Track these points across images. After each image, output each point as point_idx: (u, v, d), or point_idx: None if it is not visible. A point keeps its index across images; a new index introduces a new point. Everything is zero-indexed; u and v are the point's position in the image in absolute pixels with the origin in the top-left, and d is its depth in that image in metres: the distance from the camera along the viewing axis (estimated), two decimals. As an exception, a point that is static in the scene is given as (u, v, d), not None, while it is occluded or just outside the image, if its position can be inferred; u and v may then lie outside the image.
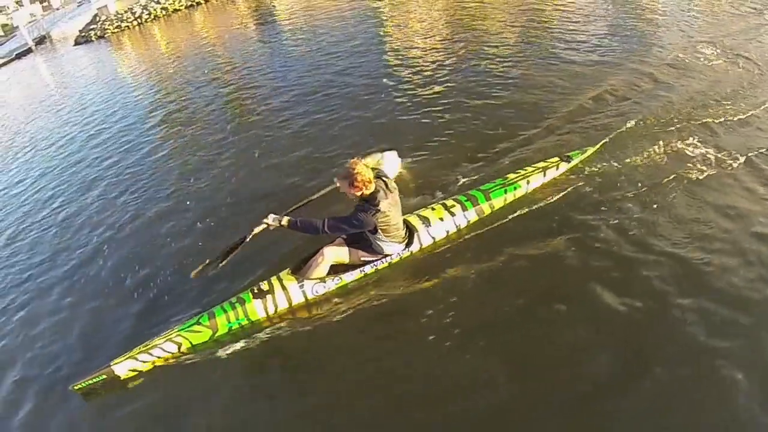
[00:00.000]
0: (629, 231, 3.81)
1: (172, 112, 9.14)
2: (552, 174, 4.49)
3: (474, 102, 6.37)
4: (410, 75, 7.78)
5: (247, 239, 3.82)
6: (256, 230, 3.78)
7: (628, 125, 5.15)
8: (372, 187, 3.59)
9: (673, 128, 5.01)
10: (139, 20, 21.36)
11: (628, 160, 4.59)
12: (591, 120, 5.48)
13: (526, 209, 4.23)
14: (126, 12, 21.91)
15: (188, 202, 5.70)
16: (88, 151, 8.46)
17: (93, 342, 4.04)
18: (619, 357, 2.94)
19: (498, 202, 4.27)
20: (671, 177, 4.28)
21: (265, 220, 3.71)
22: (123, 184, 6.70)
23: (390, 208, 3.66)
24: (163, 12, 21.49)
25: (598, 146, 4.73)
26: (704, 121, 5.06)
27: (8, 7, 44.06)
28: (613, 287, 3.37)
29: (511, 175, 4.46)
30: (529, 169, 4.52)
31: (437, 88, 7.03)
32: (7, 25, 39.65)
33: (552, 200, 4.29)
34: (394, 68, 8.24)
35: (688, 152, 4.60)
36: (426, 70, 7.80)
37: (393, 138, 5.73)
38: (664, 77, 6.21)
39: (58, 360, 3.97)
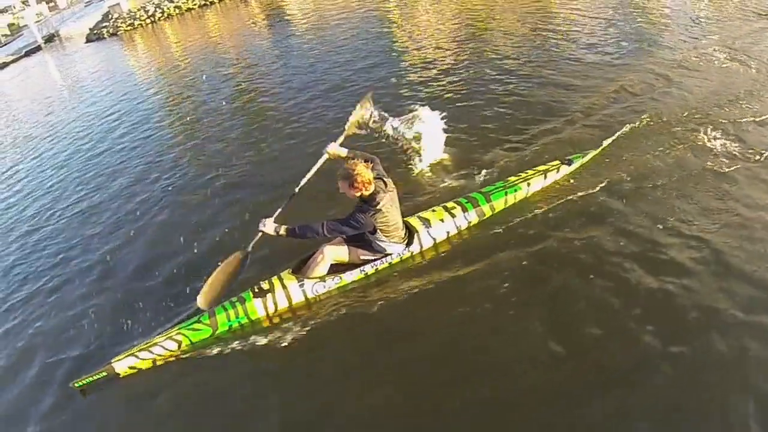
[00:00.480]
0: (629, 233, 3.77)
1: (182, 110, 9.13)
2: (553, 177, 4.47)
3: (479, 102, 6.34)
4: (417, 73, 7.76)
5: (249, 251, 3.77)
6: (255, 240, 3.77)
7: (629, 129, 5.09)
8: (372, 188, 3.58)
9: (676, 131, 4.96)
10: (152, 18, 21.39)
11: (628, 164, 4.55)
12: (593, 123, 5.44)
13: (527, 211, 4.21)
14: (139, 10, 21.93)
15: (194, 202, 5.66)
16: (98, 146, 8.47)
17: (94, 339, 4.02)
18: (626, 360, 2.89)
19: (499, 204, 4.25)
20: (672, 180, 4.24)
21: (260, 228, 3.68)
22: (132, 181, 6.67)
23: (389, 207, 3.66)
24: (177, 11, 21.50)
25: (599, 150, 4.71)
26: (709, 122, 5.00)
27: (14, 7, 44.69)
28: (614, 288, 3.33)
29: (512, 178, 4.45)
30: (530, 171, 4.50)
31: (444, 88, 7.00)
32: (13, 24, 40.16)
33: (552, 202, 4.26)
34: (403, 67, 8.21)
35: (691, 155, 4.55)
36: (433, 71, 7.75)
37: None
38: (669, 80, 6.14)
39: (59, 357, 3.94)
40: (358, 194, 3.60)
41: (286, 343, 3.53)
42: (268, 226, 3.66)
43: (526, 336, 3.18)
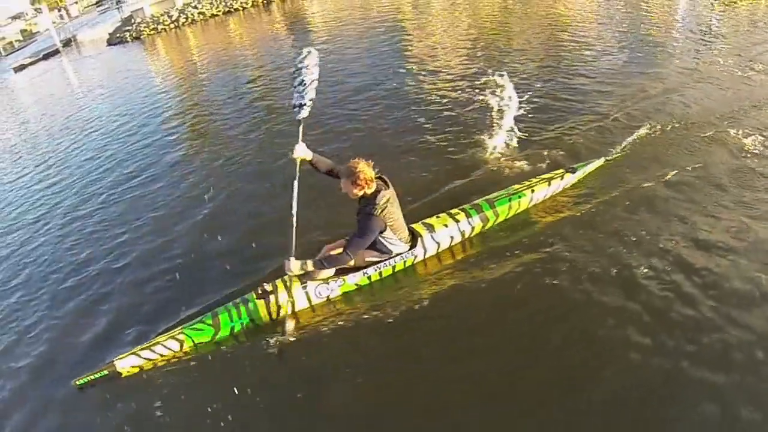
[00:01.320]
0: (632, 241, 3.76)
1: (198, 113, 9.29)
2: (557, 185, 4.47)
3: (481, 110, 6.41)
4: (429, 84, 7.84)
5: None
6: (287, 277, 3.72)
7: (633, 140, 5.15)
8: (373, 186, 3.59)
9: (679, 142, 5.02)
10: (176, 23, 21.78)
11: (632, 175, 4.56)
12: (597, 133, 5.49)
13: (531, 218, 4.24)
14: (162, 15, 22.31)
15: (205, 206, 5.66)
16: (111, 146, 8.68)
17: (98, 338, 4.01)
18: (628, 372, 2.86)
19: (503, 211, 4.23)
20: (675, 190, 4.27)
21: (289, 272, 3.56)
22: (143, 183, 6.75)
23: (392, 204, 3.66)
24: (201, 17, 21.92)
25: (602, 160, 4.74)
26: (714, 134, 5.06)
27: (27, 14, 45.47)
28: (617, 296, 3.31)
29: (516, 186, 4.44)
30: (534, 179, 4.50)
31: (452, 98, 7.10)
32: (26, 30, 40.81)
33: (555, 210, 4.29)
34: (416, 80, 8.22)
35: (697, 164, 4.57)
36: (445, 81, 7.86)
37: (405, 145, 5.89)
38: (675, 90, 6.24)
39: (63, 355, 3.94)
40: (360, 192, 3.58)
41: (287, 345, 3.51)
42: (294, 265, 3.55)
43: (529, 343, 3.15)
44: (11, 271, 5.45)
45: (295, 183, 3.64)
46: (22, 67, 24.82)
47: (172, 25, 21.61)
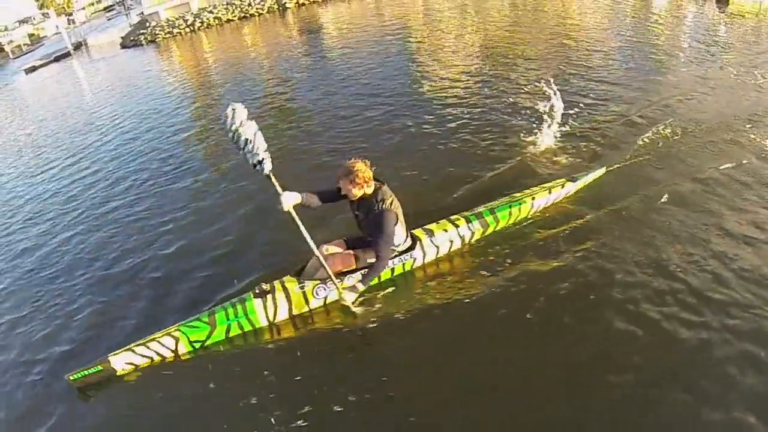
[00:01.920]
0: (630, 251, 3.79)
1: (207, 116, 9.37)
2: (557, 193, 4.48)
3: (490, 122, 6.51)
4: (436, 95, 7.85)
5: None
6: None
7: (634, 150, 5.22)
8: (372, 185, 3.57)
9: (679, 155, 5.07)
10: (191, 27, 22.11)
11: (632, 185, 4.59)
12: (599, 143, 5.55)
13: (531, 226, 4.25)
14: (178, 19, 22.59)
15: (211, 209, 5.69)
16: (119, 146, 8.83)
17: (95, 334, 4.02)
18: (628, 380, 2.85)
19: (503, 218, 4.23)
20: (673, 202, 4.30)
21: (345, 299, 3.55)
22: (152, 186, 6.76)
23: (395, 198, 3.65)
24: (216, 21, 22.24)
25: (604, 170, 4.77)
26: (717, 146, 5.14)
27: (34, 18, 46.09)
28: (616, 305, 3.32)
29: (517, 194, 4.46)
30: (535, 188, 4.52)
31: (460, 103, 7.22)
32: (33, 34, 41.37)
33: (555, 218, 4.31)
34: (423, 91, 8.24)
35: (693, 177, 4.63)
36: (452, 86, 7.98)
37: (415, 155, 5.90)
38: (677, 104, 6.32)
39: (59, 348, 3.94)
40: (360, 192, 3.56)
41: (283, 345, 3.52)
42: (347, 295, 3.54)
43: (522, 353, 3.14)
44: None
45: (301, 227, 3.50)
46: (33, 69, 25.15)
47: (187, 29, 21.94)
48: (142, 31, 22.49)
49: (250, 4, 22.38)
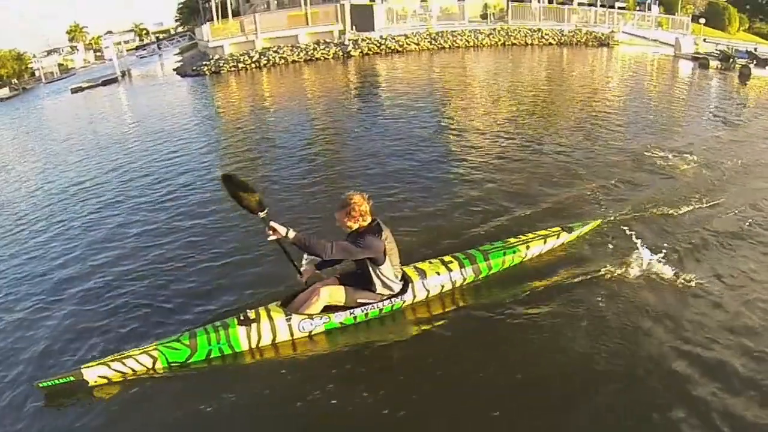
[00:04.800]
0: (620, 304, 3.83)
1: (248, 150, 9.57)
2: (552, 242, 4.48)
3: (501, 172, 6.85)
4: (461, 148, 8.26)
5: (260, 214, 3.54)
6: (268, 219, 3.49)
7: (631, 206, 5.43)
8: (369, 220, 3.56)
9: (671, 212, 5.27)
10: (256, 64, 23.01)
11: (627, 237, 4.62)
12: (598, 197, 5.78)
13: (524, 273, 4.24)
14: (243, 55, 23.58)
15: (205, 230, 5.79)
16: (149, 160, 9.37)
17: (68, 345, 3.92)
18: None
19: (496, 264, 4.19)
20: (670, 255, 4.34)
21: (272, 223, 3.40)
22: (153, 203, 7.01)
23: (391, 238, 3.62)
24: (282, 61, 23.23)
25: (599, 221, 4.86)
26: (706, 209, 5.35)
27: (62, 49, 48.82)
28: (603, 355, 3.32)
29: (512, 240, 4.44)
30: (531, 235, 4.52)
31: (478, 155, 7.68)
32: (62, 64, 43.85)
33: (549, 268, 4.32)
34: (450, 143, 8.67)
35: (687, 237, 4.76)
36: (477, 148, 8.21)
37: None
38: (679, 166, 6.72)
39: (32, 356, 3.86)
40: (355, 225, 3.54)
41: (264, 376, 3.42)
42: (280, 227, 3.39)
43: (508, 398, 3.10)
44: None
45: (286, 252, 3.68)
46: (80, 89, 26.85)
47: (252, 65, 22.97)
48: (205, 62, 23.95)
49: (315, 49, 23.71)
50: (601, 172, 6.59)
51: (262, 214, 3.50)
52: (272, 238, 3.43)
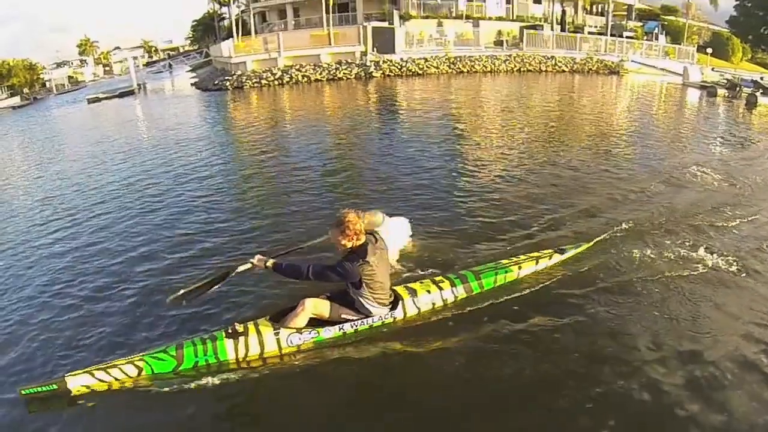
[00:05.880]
0: (610, 324, 3.86)
1: (261, 164, 9.76)
2: (544, 264, 4.50)
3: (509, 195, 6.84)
4: (470, 168, 8.37)
5: (231, 275, 3.80)
6: (241, 268, 3.75)
7: (623, 227, 5.45)
8: (362, 239, 3.56)
9: (665, 232, 5.36)
10: (279, 81, 23.82)
11: (619, 259, 4.74)
12: (590, 219, 5.89)
13: (515, 293, 4.24)
14: (265, 71, 24.42)
15: (195, 237, 5.93)
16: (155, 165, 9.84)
17: (56, 353, 3.93)
18: None
19: (488, 284, 4.20)
20: (658, 276, 4.45)
21: (251, 260, 3.66)
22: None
23: (377, 263, 3.58)
24: (305, 79, 24.02)
25: (591, 243, 4.88)
26: (696, 226, 5.49)
27: (71, 63, 50.13)
28: (591, 376, 3.34)
29: (504, 261, 4.47)
30: (522, 257, 4.54)
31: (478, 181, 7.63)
32: (72, 77, 45.09)
33: (541, 288, 4.33)
34: (459, 163, 8.77)
35: (678, 254, 4.86)
36: (485, 170, 8.34)
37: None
38: (665, 190, 6.91)
39: (17, 362, 3.87)
40: (349, 244, 3.56)
41: (251, 390, 3.40)
42: (258, 258, 3.62)
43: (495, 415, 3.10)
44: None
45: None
46: (97, 100, 27.81)
47: (276, 82, 23.75)
48: (227, 78, 24.55)
49: (338, 69, 24.52)
50: (604, 192, 6.83)
51: (234, 273, 3.81)
52: (257, 270, 3.72)
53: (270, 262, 3.62)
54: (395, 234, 4.68)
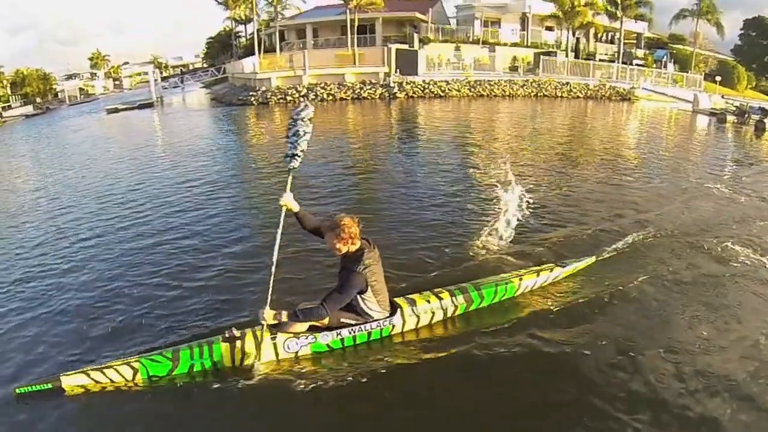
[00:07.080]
0: (612, 338, 3.88)
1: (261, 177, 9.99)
2: (545, 277, 4.50)
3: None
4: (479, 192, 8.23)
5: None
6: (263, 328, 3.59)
7: (628, 244, 5.51)
8: (358, 243, 3.56)
9: (670, 251, 5.42)
10: (304, 98, 23.89)
11: (623, 275, 4.76)
12: (593, 235, 5.95)
13: (515, 306, 4.27)
14: (290, 88, 25.37)
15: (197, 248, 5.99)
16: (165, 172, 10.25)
17: (52, 353, 3.97)
18: None
19: (488, 295, 4.19)
20: (660, 294, 4.50)
21: (262, 321, 3.51)
22: (158, 216, 7.42)
23: (375, 265, 3.60)
24: (330, 97, 24.92)
25: (594, 258, 4.87)
26: (700, 246, 5.50)
27: (82, 75, 51.55)
28: (592, 391, 3.34)
29: (506, 274, 4.47)
30: (524, 270, 4.54)
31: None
32: (83, 89, 46.41)
33: (542, 302, 4.35)
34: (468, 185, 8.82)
35: (682, 273, 4.90)
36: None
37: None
38: (672, 209, 7.00)
39: (13, 361, 3.90)
40: (344, 248, 3.54)
41: (246, 395, 3.38)
42: (267, 315, 3.46)
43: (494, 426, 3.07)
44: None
45: (279, 231, 3.62)
46: (116, 110, 28.57)
47: (300, 99, 23.66)
48: (251, 93, 25.58)
49: (362, 89, 25.48)
50: (613, 210, 6.98)
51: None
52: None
53: (284, 316, 3.56)
54: None
